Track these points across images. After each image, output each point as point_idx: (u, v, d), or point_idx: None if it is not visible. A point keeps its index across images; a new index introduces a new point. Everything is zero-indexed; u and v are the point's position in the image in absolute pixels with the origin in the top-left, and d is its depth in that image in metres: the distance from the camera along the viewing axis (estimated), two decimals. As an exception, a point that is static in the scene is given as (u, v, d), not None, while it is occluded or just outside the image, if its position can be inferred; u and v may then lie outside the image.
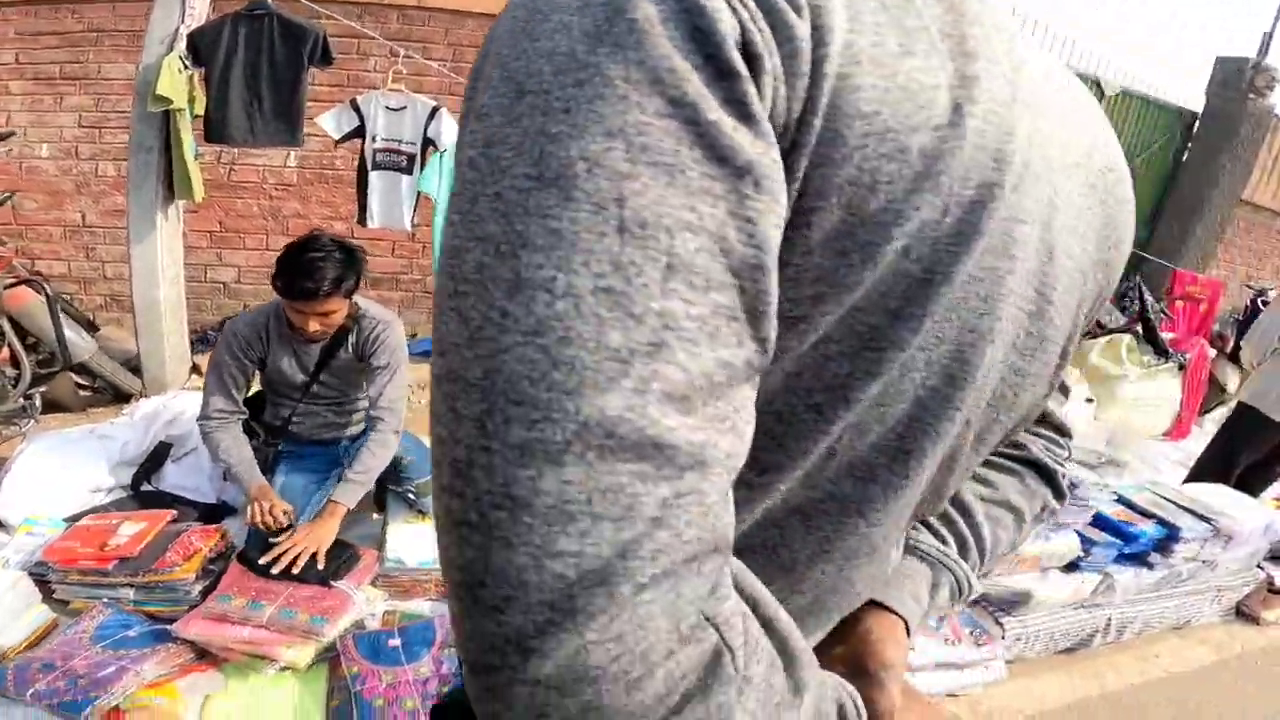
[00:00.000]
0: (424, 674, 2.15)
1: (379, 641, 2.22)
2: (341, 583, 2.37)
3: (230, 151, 4.15)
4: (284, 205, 4.43)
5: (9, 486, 2.60)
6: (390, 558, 2.54)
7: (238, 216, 4.41)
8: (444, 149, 3.62)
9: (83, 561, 2.24)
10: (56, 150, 3.98)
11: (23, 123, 3.92)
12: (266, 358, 2.55)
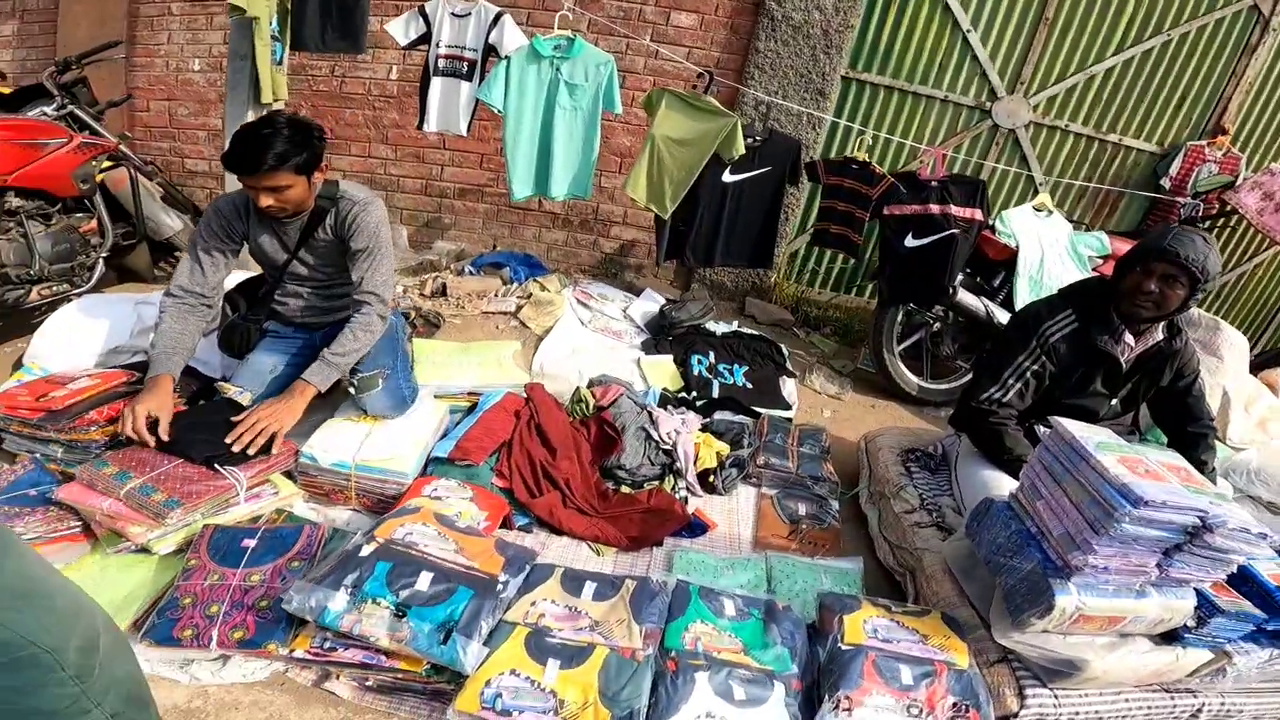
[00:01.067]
0: (253, 581, 1.93)
1: (234, 539, 2.05)
2: (231, 468, 2.21)
3: (341, 63, 4.28)
4: (384, 115, 4.55)
5: (39, 338, 2.80)
6: (305, 452, 2.36)
7: (345, 125, 4.61)
8: (506, 55, 3.39)
9: (21, 410, 2.29)
10: (205, 64, 4.38)
11: (180, 40, 4.37)
12: (248, 234, 2.51)
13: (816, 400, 3.71)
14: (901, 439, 2.95)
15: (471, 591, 1.81)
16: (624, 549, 2.41)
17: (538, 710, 1.62)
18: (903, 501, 2.54)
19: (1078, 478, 1.73)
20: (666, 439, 2.80)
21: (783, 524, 2.62)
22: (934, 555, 2.24)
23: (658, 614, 1.85)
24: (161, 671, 1.77)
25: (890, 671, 1.70)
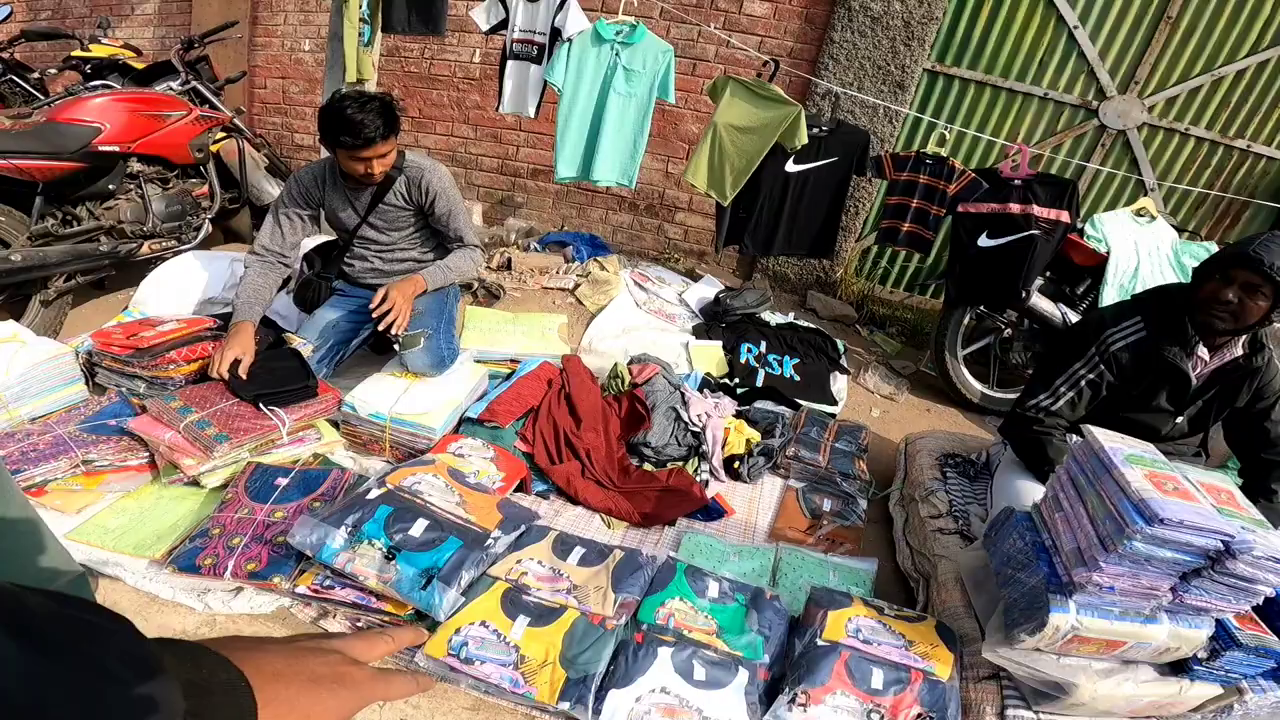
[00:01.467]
0: (276, 518, 2.06)
1: (270, 477, 2.21)
2: (276, 409, 2.38)
3: (430, 46, 4.47)
4: (467, 97, 4.71)
5: (146, 285, 3.13)
6: (347, 402, 2.51)
7: (431, 104, 4.82)
8: (569, 38, 3.44)
9: (113, 347, 2.53)
10: (314, 45, 4.68)
11: (294, 21, 4.69)
12: (324, 203, 2.76)
13: (867, 399, 3.56)
14: (945, 443, 2.79)
15: (460, 542, 1.86)
16: (635, 524, 2.40)
17: (498, 662, 1.66)
18: (930, 506, 2.41)
19: (1099, 490, 1.59)
20: (696, 421, 2.76)
21: (803, 517, 2.54)
22: (949, 563, 2.11)
23: (638, 586, 1.84)
24: (181, 599, 1.88)
25: (861, 673, 1.63)
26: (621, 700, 1.60)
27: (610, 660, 1.67)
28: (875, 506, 2.71)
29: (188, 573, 1.90)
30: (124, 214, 3.20)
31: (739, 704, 1.60)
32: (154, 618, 1.85)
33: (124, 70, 3.65)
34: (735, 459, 2.72)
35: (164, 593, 1.88)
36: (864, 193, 4.21)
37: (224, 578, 1.88)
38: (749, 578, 2.19)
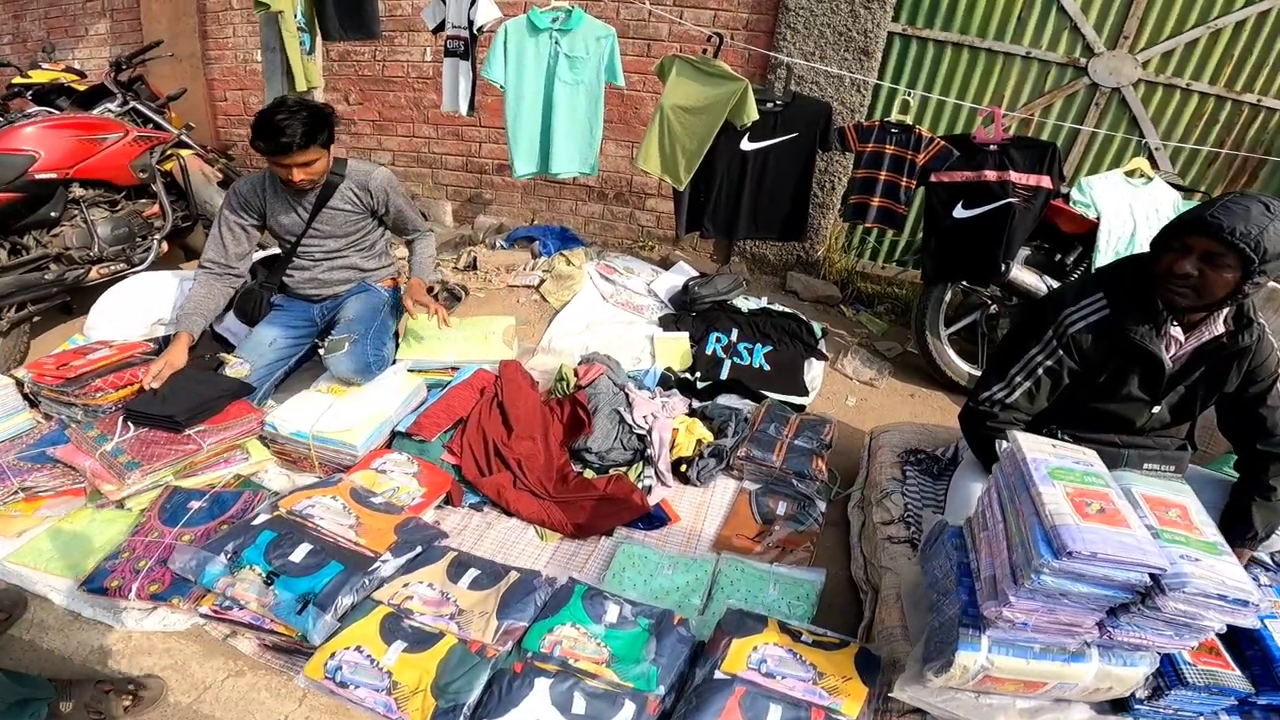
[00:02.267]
0: (185, 541, 1.95)
1: (184, 501, 2.11)
2: (200, 429, 2.28)
3: (381, 48, 4.38)
4: (424, 96, 4.55)
5: (94, 311, 3.04)
6: (268, 421, 2.41)
7: (389, 106, 4.67)
8: (481, 28, 3.27)
9: (45, 378, 2.46)
10: (266, 55, 4.59)
11: (243, 33, 4.67)
12: (266, 211, 2.67)
13: (844, 387, 3.30)
14: (911, 436, 2.53)
15: (341, 567, 1.73)
16: (569, 535, 2.23)
17: (371, 687, 1.53)
18: (884, 510, 2.17)
19: (1018, 509, 1.35)
20: (641, 423, 2.57)
21: (754, 523, 2.32)
22: (894, 577, 1.88)
23: (527, 611, 1.68)
24: (101, 616, 1.85)
25: (755, 711, 1.43)
26: (495, 738, 1.44)
27: (485, 690, 1.51)
28: (838, 509, 2.47)
29: (96, 594, 1.87)
30: (70, 240, 3.13)
31: (621, 741, 1.43)
32: (75, 635, 1.81)
33: (69, 93, 3.59)
34: (684, 461, 2.52)
35: (86, 611, 1.86)
36: (838, 167, 3.92)
37: (129, 598, 1.83)
38: (682, 593, 2.00)
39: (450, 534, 2.17)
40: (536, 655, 1.57)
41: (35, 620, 1.83)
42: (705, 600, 1.98)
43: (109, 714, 1.59)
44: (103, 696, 1.60)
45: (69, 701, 1.58)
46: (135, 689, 1.63)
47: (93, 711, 1.59)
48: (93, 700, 1.59)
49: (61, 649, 1.78)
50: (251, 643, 1.81)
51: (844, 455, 2.71)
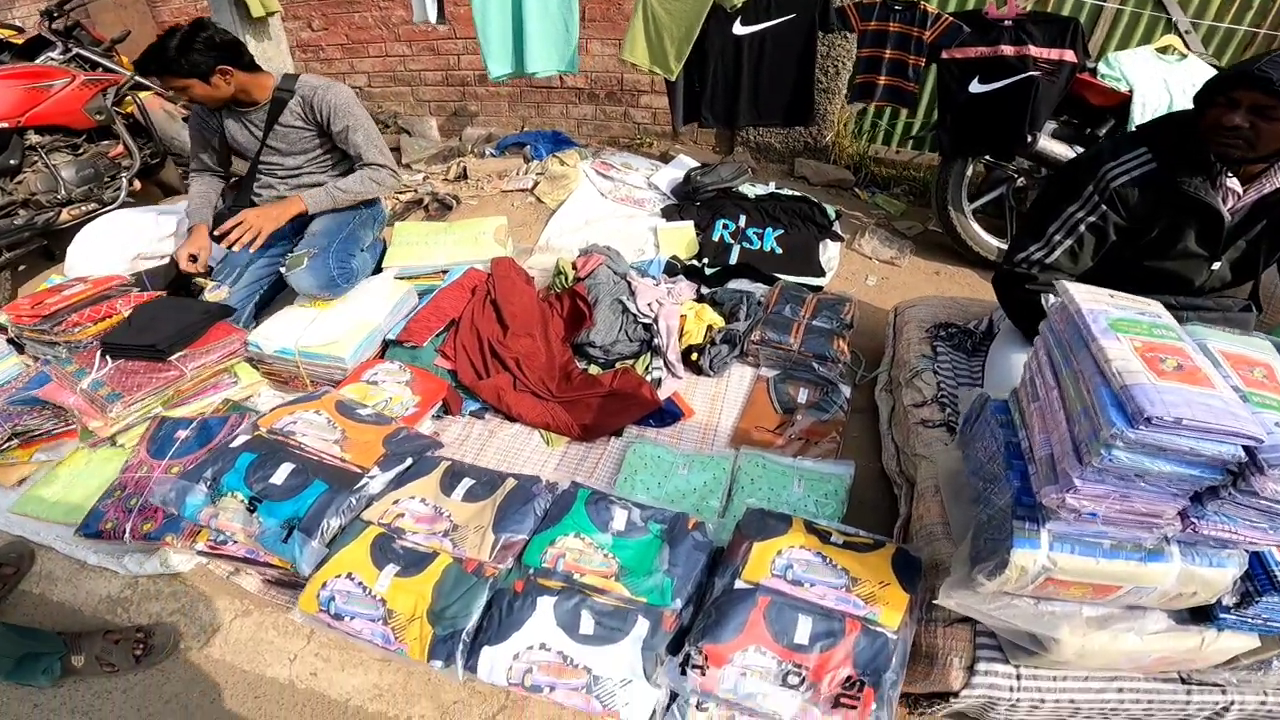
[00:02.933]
0: (173, 474, 1.74)
1: (171, 431, 1.89)
2: (181, 355, 2.04)
3: None
4: (392, 13, 4.06)
5: (71, 252, 2.79)
6: (250, 341, 2.15)
7: (358, 28, 4.19)
8: None
9: (23, 319, 2.22)
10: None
11: None
12: (223, 130, 2.47)
13: (864, 266, 2.95)
14: (939, 310, 2.19)
15: (325, 486, 1.49)
16: (576, 438, 1.99)
17: (367, 617, 1.32)
18: (914, 391, 1.87)
19: (1077, 371, 1.05)
20: (646, 311, 2.28)
21: (773, 413, 2.06)
22: (930, 465, 1.61)
23: (526, 523, 1.44)
24: (106, 563, 1.70)
25: (783, 623, 1.19)
26: (497, 658, 1.23)
27: (484, 613, 1.29)
28: (864, 394, 2.19)
29: (93, 538, 1.70)
30: (34, 185, 2.96)
31: (634, 660, 1.21)
32: (83, 585, 1.68)
33: (9, 48, 3.34)
34: (695, 350, 2.23)
35: (90, 559, 1.72)
36: (842, 51, 3.41)
37: (123, 540, 1.65)
38: (699, 494, 1.76)
39: (450, 445, 1.94)
40: (538, 571, 1.34)
41: (44, 572, 1.71)
42: (725, 501, 1.74)
43: (120, 665, 1.47)
44: (112, 648, 1.48)
45: (79, 655, 1.47)
46: (144, 637, 1.51)
47: (104, 664, 1.46)
48: (103, 652, 1.47)
49: (71, 600, 1.64)
50: (254, 579, 1.66)
51: (867, 336, 2.40)
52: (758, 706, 1.14)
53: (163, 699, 1.45)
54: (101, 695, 1.46)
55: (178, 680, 1.48)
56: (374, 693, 1.44)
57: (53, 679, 1.45)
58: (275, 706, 1.44)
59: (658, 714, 1.22)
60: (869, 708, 1.11)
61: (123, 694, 1.46)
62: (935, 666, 1.22)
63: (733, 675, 1.14)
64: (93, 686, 1.47)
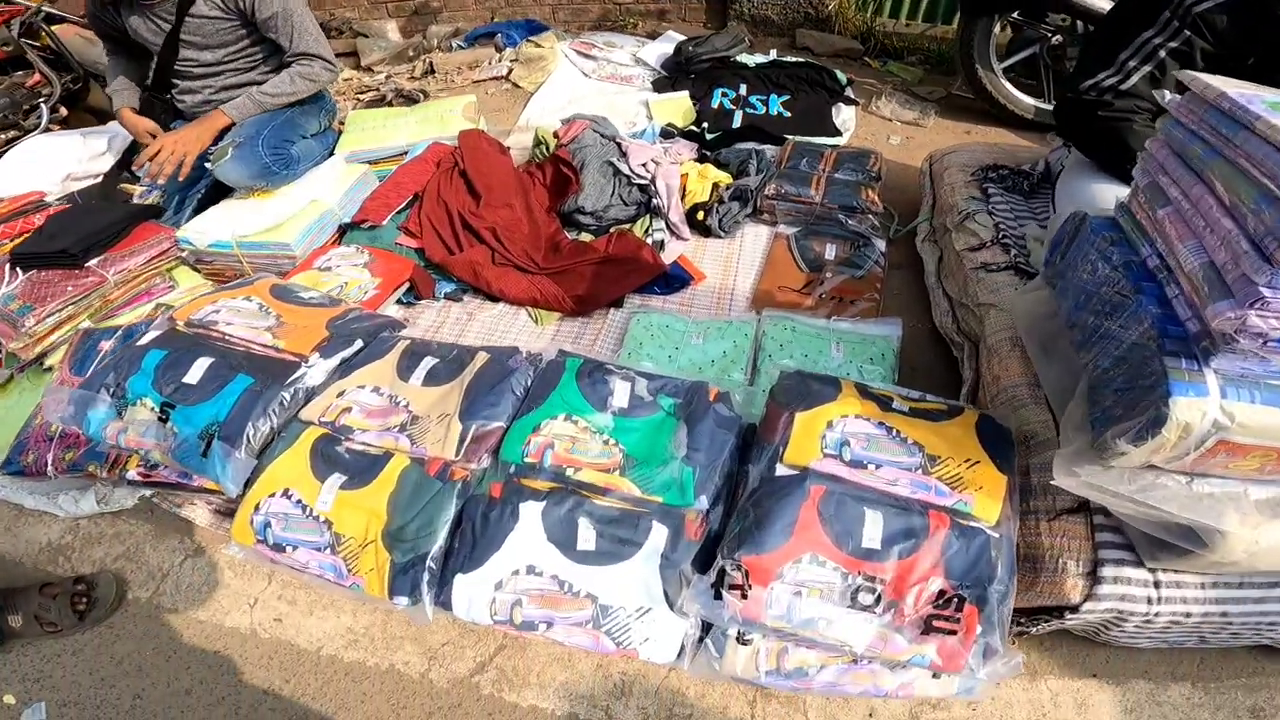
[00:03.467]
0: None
1: (94, 343, 1.51)
2: (100, 259, 1.66)
3: None
4: None
5: (-6, 175, 2.41)
6: (180, 238, 1.75)
7: None
8: None
9: None
10: None
11: None
12: (125, 27, 1.94)
13: (883, 128, 2.49)
14: (984, 155, 1.79)
15: (249, 380, 1.12)
16: (569, 312, 1.63)
17: (311, 546, 0.98)
18: (967, 234, 1.50)
19: (1234, 158, 0.71)
20: (641, 172, 1.86)
21: (798, 272, 1.68)
22: (1002, 314, 1.25)
23: (503, 405, 1.06)
24: (42, 505, 1.41)
25: (845, 521, 0.84)
26: (474, 590, 0.90)
27: (453, 530, 0.95)
28: (901, 250, 1.81)
29: (15, 476, 1.38)
30: None
31: (651, 582, 0.88)
32: (22, 532, 1.40)
33: None
34: (701, 209, 1.83)
35: (27, 502, 1.43)
36: None
37: (47, 475, 1.32)
38: (719, 366, 1.40)
39: (424, 334, 1.57)
40: (520, 469, 0.98)
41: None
42: (750, 372, 1.39)
43: (62, 624, 1.20)
44: (50, 603, 1.21)
45: (15, 615, 1.20)
46: (86, 590, 1.23)
47: (45, 624, 1.20)
48: (41, 610, 1.20)
49: (11, 552, 1.36)
50: (203, 510, 1.34)
51: (897, 191, 1.99)
52: (820, 636, 0.81)
53: (114, 660, 1.17)
54: (50, 659, 1.18)
55: (129, 637, 1.20)
56: (348, 638, 1.14)
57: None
58: (239, 661, 1.15)
59: (687, 650, 0.89)
60: (973, 632, 0.78)
61: (72, 656, 1.18)
62: (1041, 573, 0.89)
63: (783, 595, 0.81)
64: (40, 650, 1.19)
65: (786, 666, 0.86)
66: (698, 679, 1.00)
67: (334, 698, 1.08)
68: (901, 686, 0.84)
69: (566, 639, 0.89)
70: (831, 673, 0.85)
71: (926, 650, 0.79)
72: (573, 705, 1.05)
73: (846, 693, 0.89)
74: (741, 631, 0.86)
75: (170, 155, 1.80)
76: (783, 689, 0.93)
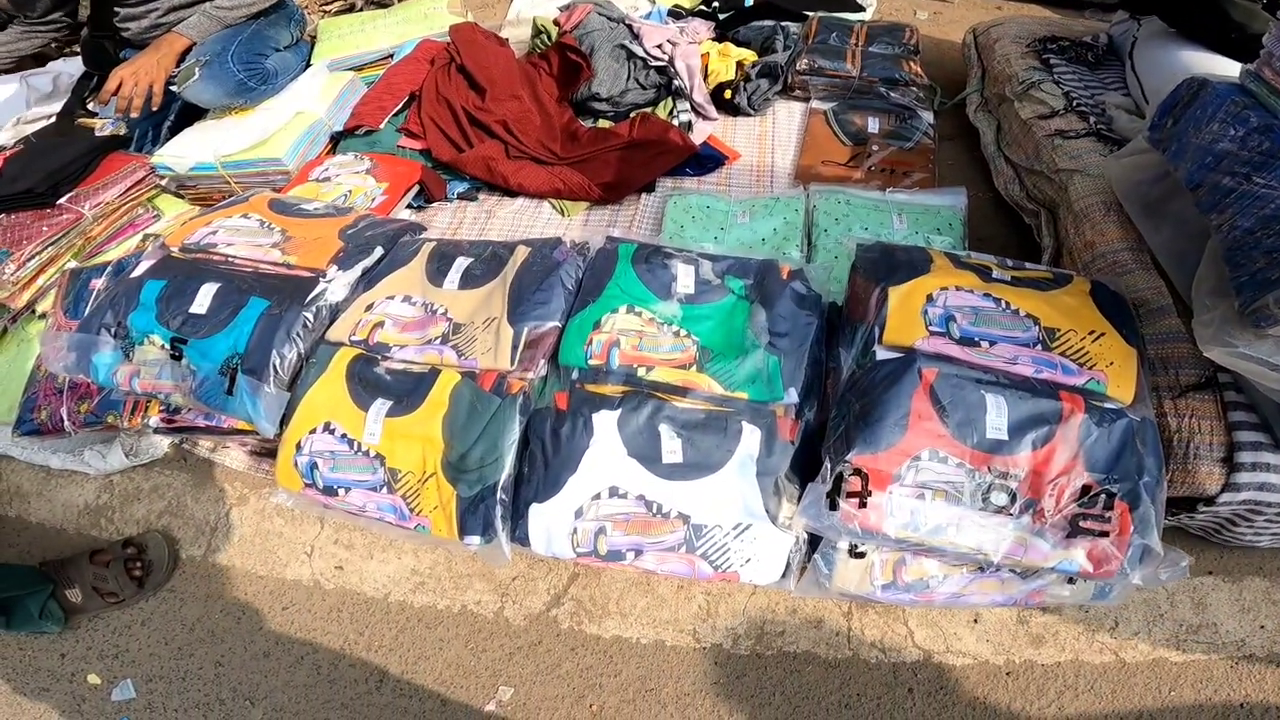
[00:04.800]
0: None
1: (86, 281, 1.32)
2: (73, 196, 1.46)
3: None
4: None
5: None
6: (157, 164, 1.54)
7: None
8: None
9: None
10: None
11: None
12: None
13: (908, 4, 2.23)
14: (1037, 27, 1.62)
15: (264, 303, 0.98)
16: (597, 200, 1.47)
17: (365, 486, 0.86)
18: (1034, 103, 1.34)
19: None
20: (656, 53, 1.65)
21: (840, 146, 1.51)
22: (1089, 179, 1.11)
23: (556, 302, 0.92)
24: (70, 465, 1.28)
25: (965, 408, 0.73)
26: (553, 521, 0.80)
27: (520, 453, 0.83)
28: (950, 122, 1.65)
29: (32, 435, 1.25)
30: None
31: (749, 493, 0.77)
32: (57, 495, 1.29)
33: None
34: (728, 87, 1.65)
35: (53, 463, 1.30)
36: None
37: (64, 431, 1.19)
38: (771, 244, 1.25)
39: (442, 236, 1.43)
40: (585, 373, 0.86)
41: (11, 488, 1.31)
42: (806, 248, 1.25)
43: (123, 592, 1.10)
44: (104, 572, 1.11)
45: (73, 589, 1.10)
46: (137, 553, 1.14)
47: (105, 594, 1.10)
48: (97, 580, 1.11)
49: (50, 519, 1.25)
50: (238, 452, 1.22)
51: (934, 66, 1.78)
52: (950, 544, 0.71)
53: (186, 626, 1.09)
54: (121, 632, 1.10)
55: (193, 600, 1.11)
56: (414, 581, 1.06)
57: (59, 622, 1.10)
58: (307, 616, 1.06)
59: (793, 568, 0.79)
60: (1126, 531, 0.68)
61: (142, 626, 1.10)
62: (1171, 460, 0.78)
63: (905, 500, 0.70)
64: (110, 623, 1.11)
65: (905, 579, 0.77)
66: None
67: (411, 647, 1.01)
68: (1033, 594, 0.76)
69: (658, 566, 0.80)
70: (955, 582, 0.76)
71: (1074, 555, 0.69)
72: (657, 631, 0.98)
73: (971, 604, 0.81)
74: (854, 544, 0.77)
75: (135, 87, 1.54)
76: (900, 603, 0.85)
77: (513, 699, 0.97)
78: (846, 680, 0.93)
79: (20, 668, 1.10)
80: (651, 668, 0.97)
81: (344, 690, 1.01)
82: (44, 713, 1.05)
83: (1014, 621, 0.93)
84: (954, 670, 0.92)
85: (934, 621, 0.94)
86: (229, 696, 1.03)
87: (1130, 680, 0.90)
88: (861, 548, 0.75)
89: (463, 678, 0.99)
